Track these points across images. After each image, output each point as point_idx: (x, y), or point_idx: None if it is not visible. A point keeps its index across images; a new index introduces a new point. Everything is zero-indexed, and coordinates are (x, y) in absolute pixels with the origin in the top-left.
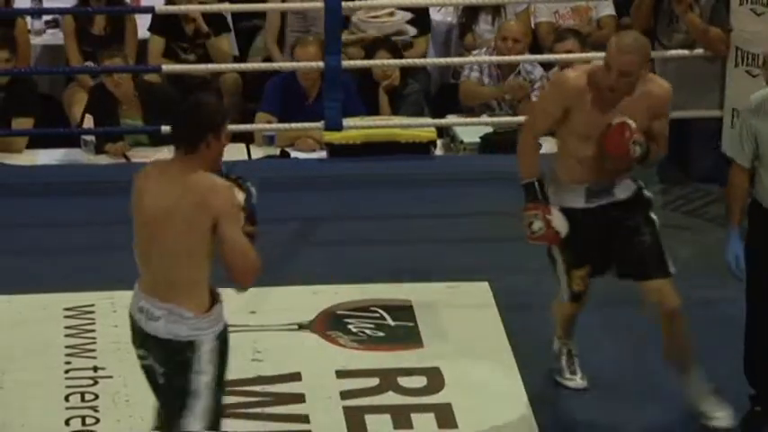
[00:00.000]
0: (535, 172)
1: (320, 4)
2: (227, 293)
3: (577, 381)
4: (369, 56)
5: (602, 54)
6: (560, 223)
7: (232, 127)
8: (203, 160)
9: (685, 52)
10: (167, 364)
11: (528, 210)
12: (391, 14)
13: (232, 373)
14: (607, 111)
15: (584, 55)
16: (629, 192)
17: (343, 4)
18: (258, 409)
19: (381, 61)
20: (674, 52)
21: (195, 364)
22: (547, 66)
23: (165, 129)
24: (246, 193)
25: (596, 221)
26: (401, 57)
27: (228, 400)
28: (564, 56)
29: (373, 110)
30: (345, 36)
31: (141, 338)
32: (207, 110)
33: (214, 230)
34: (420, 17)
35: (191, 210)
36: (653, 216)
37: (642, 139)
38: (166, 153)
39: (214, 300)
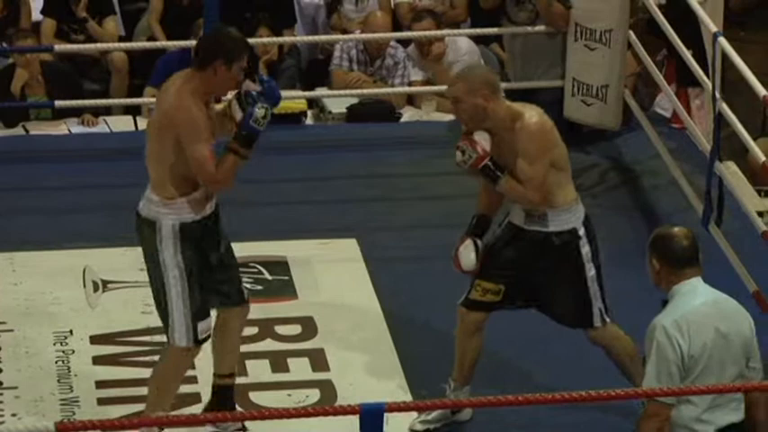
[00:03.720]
0: None
1: None
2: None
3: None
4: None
5: (456, 31)
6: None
7: (121, 101)
8: (208, 82)
9: (530, 29)
10: (139, 235)
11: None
12: None
13: (123, 325)
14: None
15: (439, 32)
16: (563, 227)
17: None
18: (147, 357)
19: (261, 39)
20: (520, 29)
21: (158, 243)
22: (405, 43)
23: (60, 103)
24: (245, 112)
25: (532, 248)
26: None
27: (120, 349)
28: (421, 33)
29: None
30: None
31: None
32: (224, 39)
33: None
34: None
35: (159, 122)
36: (587, 267)
37: (466, 146)
38: (65, 127)
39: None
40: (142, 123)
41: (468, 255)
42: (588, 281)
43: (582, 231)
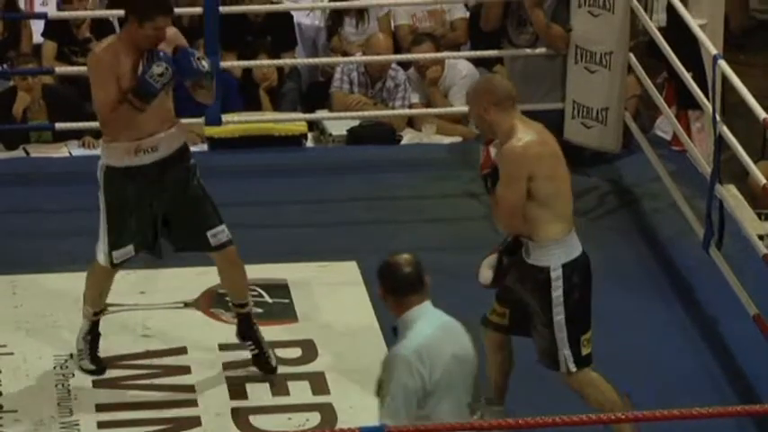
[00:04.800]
0: None
1: (200, 10)
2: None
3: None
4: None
5: (456, 54)
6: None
7: None
8: (128, 36)
9: (530, 51)
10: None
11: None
12: None
13: (122, 348)
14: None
15: (439, 55)
16: (539, 263)
17: (221, 8)
18: (148, 381)
19: (261, 62)
20: (520, 51)
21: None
22: (406, 65)
23: (60, 126)
24: (144, 66)
25: (519, 276)
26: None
27: (120, 372)
28: (421, 55)
29: (257, 107)
30: None
31: None
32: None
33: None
34: None
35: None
36: (555, 311)
37: (481, 153)
38: (66, 149)
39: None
40: None
41: (485, 269)
42: (555, 325)
43: (557, 273)
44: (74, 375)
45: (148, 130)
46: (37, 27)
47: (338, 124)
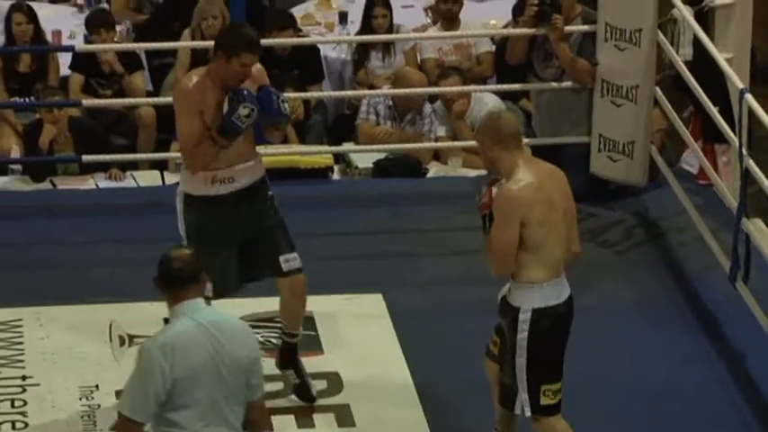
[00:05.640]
0: None
1: None
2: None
3: None
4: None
5: (482, 87)
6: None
7: (148, 155)
8: (216, 70)
9: (555, 84)
10: None
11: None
12: None
13: None
14: None
15: (465, 88)
16: (513, 302)
17: None
18: None
19: (288, 95)
20: (545, 84)
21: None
22: (432, 99)
23: (87, 158)
24: (230, 107)
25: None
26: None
27: None
28: (447, 89)
29: (283, 140)
30: None
31: None
32: (230, 33)
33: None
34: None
35: None
36: (518, 353)
37: (481, 190)
38: (92, 181)
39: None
40: (169, 178)
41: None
42: (516, 366)
43: (526, 316)
44: (99, 407)
45: (226, 162)
46: (64, 60)
47: (364, 157)
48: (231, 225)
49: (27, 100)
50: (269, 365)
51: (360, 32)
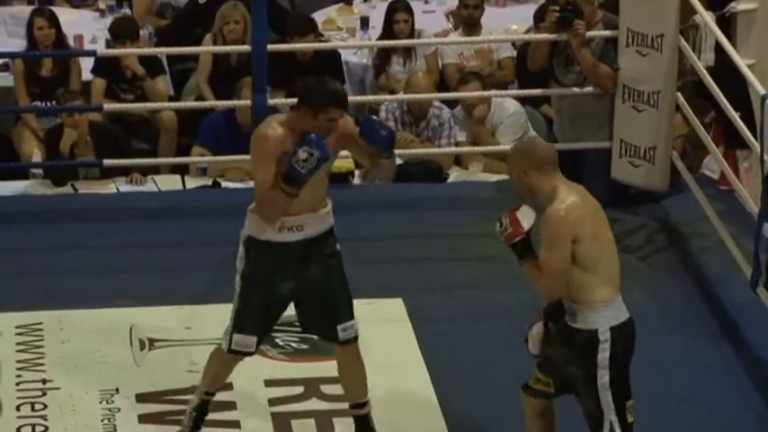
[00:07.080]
0: None
1: (248, 48)
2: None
3: None
4: None
5: (503, 92)
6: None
7: (169, 160)
8: (299, 121)
9: (577, 90)
10: None
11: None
12: None
13: (169, 383)
14: None
15: (485, 93)
16: (586, 326)
17: (269, 46)
18: None
19: None
20: (567, 90)
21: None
22: (453, 104)
23: (108, 162)
24: (295, 154)
25: (562, 342)
26: None
27: (166, 407)
28: (466, 93)
29: None
30: None
31: None
32: (317, 90)
33: None
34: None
35: None
36: (600, 373)
37: (505, 220)
38: (113, 186)
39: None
40: (190, 182)
41: (534, 339)
42: (599, 388)
43: (606, 336)
44: (119, 410)
45: (295, 209)
46: (86, 64)
47: None
48: (292, 275)
49: (49, 104)
50: (286, 370)
51: (381, 37)
